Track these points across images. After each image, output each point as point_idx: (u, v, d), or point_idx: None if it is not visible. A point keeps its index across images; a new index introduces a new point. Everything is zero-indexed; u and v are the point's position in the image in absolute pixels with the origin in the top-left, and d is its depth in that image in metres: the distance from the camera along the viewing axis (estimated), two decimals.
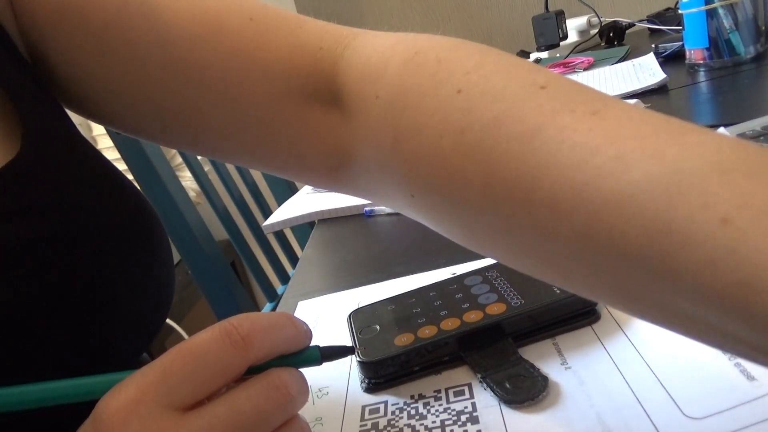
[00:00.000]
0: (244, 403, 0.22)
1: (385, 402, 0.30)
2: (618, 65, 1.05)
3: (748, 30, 0.81)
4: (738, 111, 0.66)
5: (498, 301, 0.33)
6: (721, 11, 0.81)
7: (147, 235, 0.35)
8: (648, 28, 1.36)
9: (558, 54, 1.42)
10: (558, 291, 0.32)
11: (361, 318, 0.36)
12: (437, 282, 0.38)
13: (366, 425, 0.29)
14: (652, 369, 0.26)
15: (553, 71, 0.27)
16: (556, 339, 0.31)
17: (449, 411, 0.28)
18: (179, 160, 1.52)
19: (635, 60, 1.03)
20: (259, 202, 1.18)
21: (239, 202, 1.08)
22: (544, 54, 1.47)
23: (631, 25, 1.40)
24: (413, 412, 0.29)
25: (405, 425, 0.28)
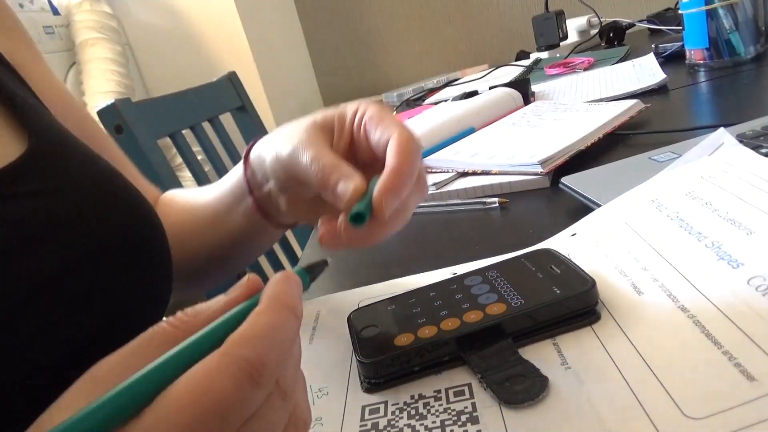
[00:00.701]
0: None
1: (385, 402, 0.30)
2: (618, 65, 1.05)
3: (748, 30, 0.81)
4: (738, 111, 0.66)
5: (498, 301, 0.33)
6: (721, 11, 0.81)
7: (144, 220, 0.41)
8: (648, 28, 1.36)
9: (558, 54, 1.42)
10: (558, 291, 0.32)
11: (361, 318, 0.36)
12: (437, 282, 0.38)
13: (366, 425, 0.29)
14: (652, 369, 0.26)
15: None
16: (556, 339, 0.31)
17: (449, 411, 0.28)
18: (179, 160, 1.52)
19: (635, 60, 1.03)
20: None
21: None
22: (544, 54, 1.47)
23: (631, 26, 1.40)
24: (413, 412, 0.29)
25: (405, 425, 0.28)
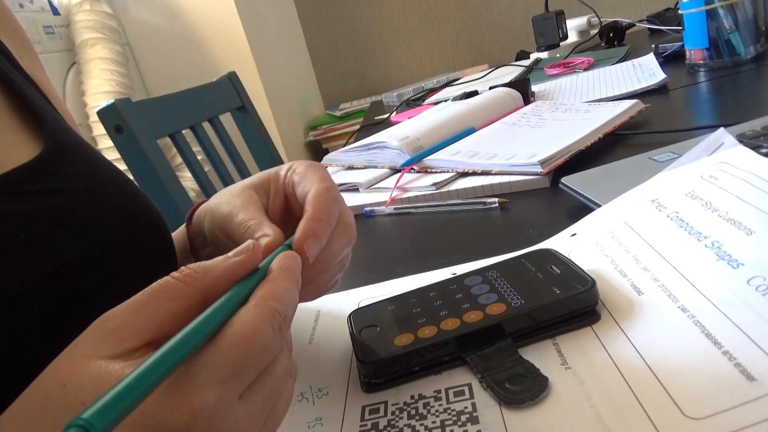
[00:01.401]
0: (279, 385, 0.25)
1: (385, 402, 0.30)
2: (618, 65, 1.05)
3: (748, 30, 0.81)
4: (738, 111, 0.66)
5: (498, 301, 0.33)
6: (721, 11, 0.81)
7: (151, 224, 0.44)
8: (648, 28, 1.36)
9: (558, 54, 1.42)
10: (558, 291, 0.32)
11: (361, 318, 0.36)
12: (437, 282, 0.38)
13: (366, 425, 0.29)
14: (652, 369, 0.26)
15: None
16: (556, 339, 0.31)
17: (449, 411, 0.28)
18: (179, 160, 1.52)
19: (635, 60, 1.03)
20: None
21: None
22: (544, 54, 1.47)
23: (631, 26, 1.40)
24: (413, 412, 0.29)
25: (405, 425, 0.28)
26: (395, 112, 1.36)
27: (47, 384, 0.22)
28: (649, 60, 0.98)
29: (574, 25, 1.53)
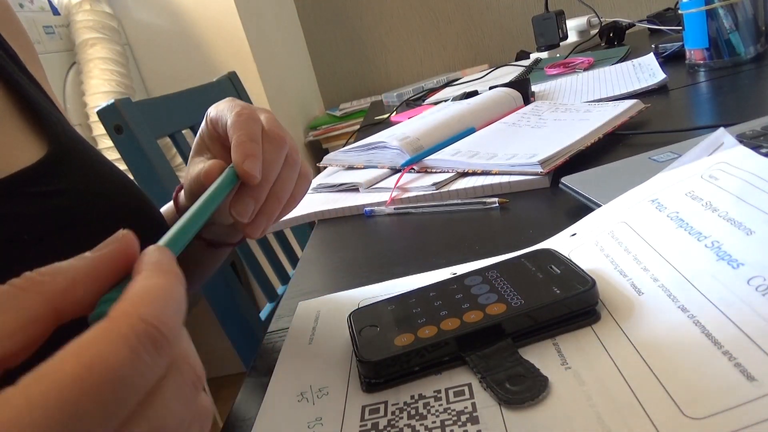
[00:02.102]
0: (166, 420, 0.18)
1: (385, 402, 0.30)
2: (618, 65, 1.05)
3: (748, 30, 0.81)
4: (738, 111, 0.66)
5: (498, 301, 0.33)
6: (721, 11, 0.81)
7: (153, 226, 0.44)
8: (648, 28, 1.36)
9: (558, 54, 1.42)
10: (558, 291, 0.32)
11: (361, 318, 0.36)
12: (437, 282, 0.38)
13: (366, 425, 0.29)
14: (652, 369, 0.26)
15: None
16: (556, 339, 0.31)
17: (449, 411, 0.28)
18: (179, 160, 1.52)
19: (635, 60, 1.03)
20: None
21: None
22: (544, 54, 1.47)
23: (631, 26, 1.40)
24: (413, 412, 0.29)
25: (405, 425, 0.28)
26: (395, 112, 1.36)
27: None
28: (649, 60, 0.98)
29: (574, 25, 1.53)
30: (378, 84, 2.31)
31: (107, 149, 1.49)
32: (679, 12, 0.87)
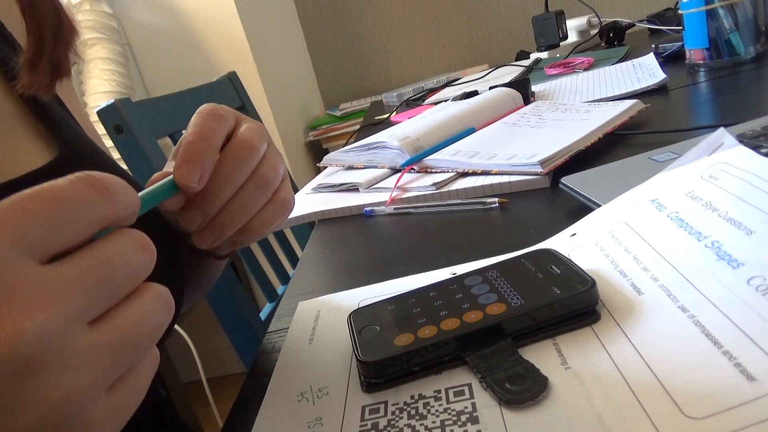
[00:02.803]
0: (114, 256, 0.20)
1: (385, 402, 0.30)
2: (618, 65, 1.05)
3: (748, 30, 0.81)
4: (738, 111, 0.66)
5: (498, 301, 0.33)
6: (721, 11, 0.81)
7: (160, 233, 0.42)
8: (648, 28, 1.36)
9: (558, 54, 1.42)
10: (558, 291, 0.32)
11: (361, 318, 0.36)
12: (437, 282, 0.38)
13: (366, 425, 0.29)
14: (652, 369, 0.26)
15: None
16: (556, 339, 0.31)
17: (449, 411, 0.28)
18: None
19: (635, 60, 1.03)
20: None
21: None
22: (544, 54, 1.47)
23: (631, 25, 1.40)
24: (413, 412, 0.29)
25: (405, 425, 0.28)
26: (395, 112, 1.36)
27: None
28: (649, 60, 0.98)
29: (574, 25, 1.53)
30: (378, 84, 2.31)
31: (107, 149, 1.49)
32: (679, 12, 0.87)
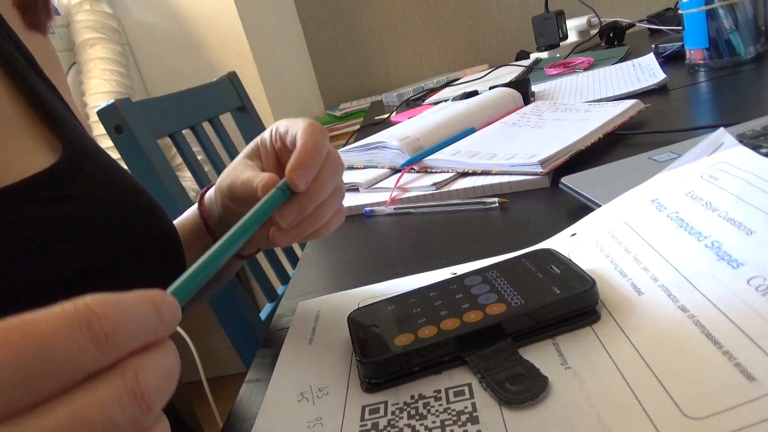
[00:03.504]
0: (92, 413, 0.17)
1: (385, 402, 0.30)
2: (618, 65, 1.05)
3: (748, 30, 0.81)
4: (738, 111, 0.66)
5: (498, 301, 0.33)
6: (721, 11, 0.81)
7: (164, 234, 0.45)
8: (648, 28, 1.36)
9: (558, 54, 1.42)
10: (558, 291, 0.32)
11: (361, 318, 0.36)
12: (437, 282, 0.38)
13: (366, 425, 0.29)
14: (652, 369, 0.26)
15: None
16: (556, 339, 0.31)
17: (449, 411, 0.28)
18: (179, 160, 1.52)
19: (635, 60, 1.03)
20: None
21: None
22: (544, 54, 1.47)
23: (631, 26, 1.40)
24: (413, 412, 0.29)
25: (405, 425, 0.28)
26: (395, 112, 1.36)
27: None
28: (649, 60, 0.98)
29: (574, 25, 1.53)
30: (378, 84, 2.31)
31: (107, 149, 1.49)
32: (679, 12, 0.87)
